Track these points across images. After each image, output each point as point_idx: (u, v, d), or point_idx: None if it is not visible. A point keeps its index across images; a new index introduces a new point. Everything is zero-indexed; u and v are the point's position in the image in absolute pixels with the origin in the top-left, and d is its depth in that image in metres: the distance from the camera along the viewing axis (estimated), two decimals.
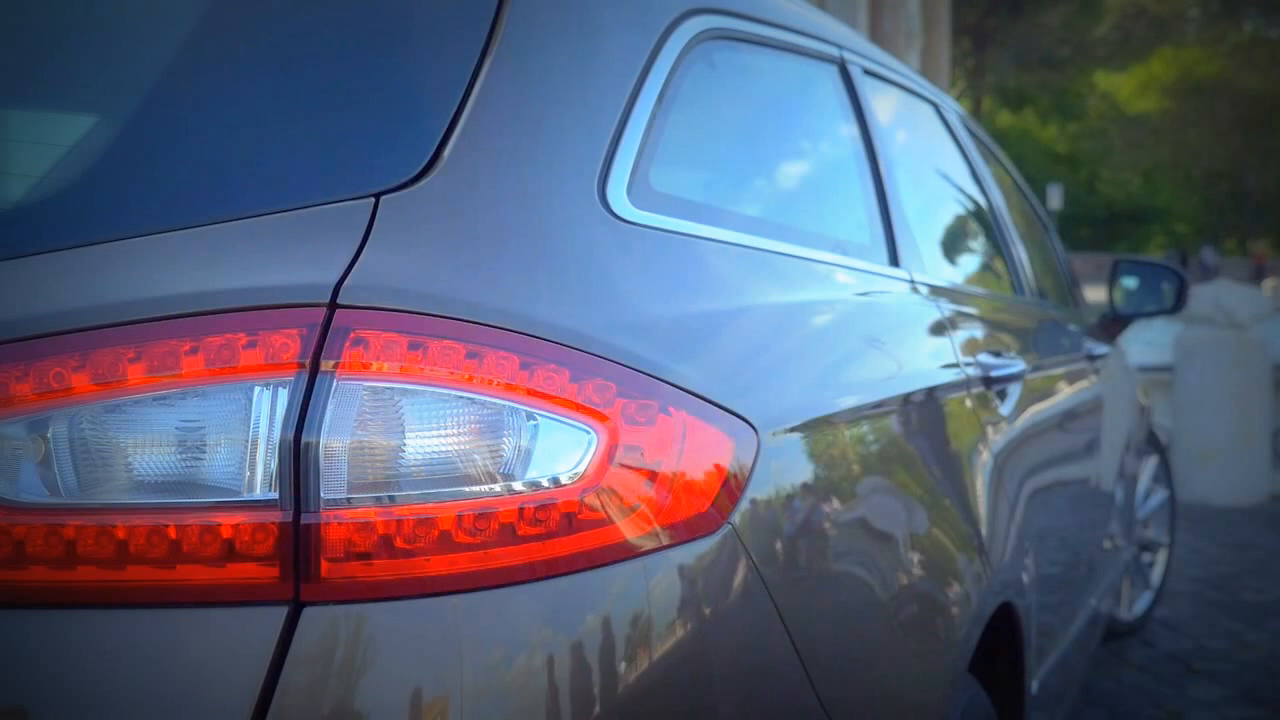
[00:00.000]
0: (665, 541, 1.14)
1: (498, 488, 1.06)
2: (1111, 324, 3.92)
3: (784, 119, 1.97)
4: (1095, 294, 4.58)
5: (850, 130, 2.11)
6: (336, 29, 1.29)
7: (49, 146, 1.33)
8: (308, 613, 0.99)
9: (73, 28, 1.42)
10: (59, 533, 0.99)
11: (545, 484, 1.07)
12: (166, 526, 0.99)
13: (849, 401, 1.54)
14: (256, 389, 1.01)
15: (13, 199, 1.25)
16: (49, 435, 1.00)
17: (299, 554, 0.99)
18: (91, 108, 1.38)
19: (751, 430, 1.26)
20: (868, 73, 2.26)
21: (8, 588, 0.99)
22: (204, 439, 1.01)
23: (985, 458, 1.98)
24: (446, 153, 1.16)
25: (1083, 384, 3.07)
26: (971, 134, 3.10)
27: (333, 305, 1.03)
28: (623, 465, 1.11)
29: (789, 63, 1.94)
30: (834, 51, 2.11)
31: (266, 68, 1.26)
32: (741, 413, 1.25)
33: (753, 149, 1.80)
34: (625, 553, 1.11)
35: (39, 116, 1.46)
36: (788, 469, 1.33)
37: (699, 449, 1.19)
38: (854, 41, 2.28)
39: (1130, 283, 4.02)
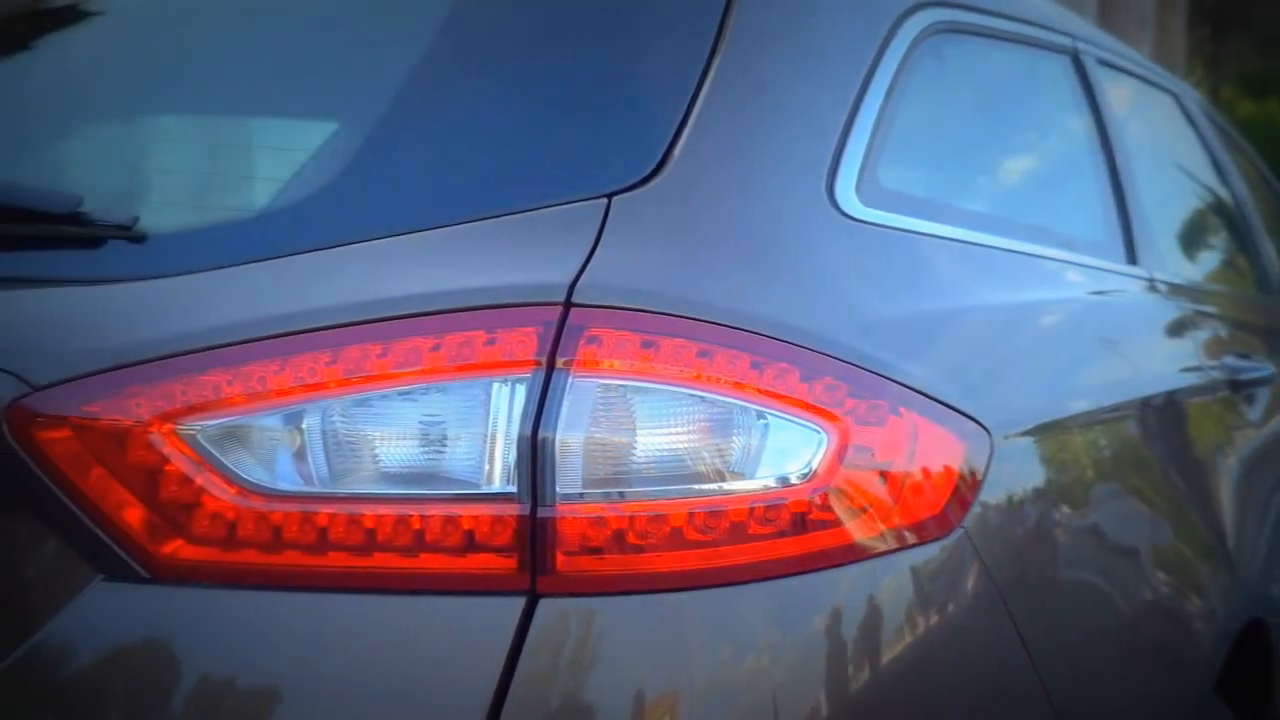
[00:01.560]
0: (895, 544, 1.13)
1: (728, 486, 1.06)
2: None
3: (1015, 113, 1.91)
4: None
5: (1084, 123, 2.03)
6: (567, 34, 1.32)
7: (297, 152, 1.40)
8: (544, 604, 1.01)
9: (315, 38, 1.50)
10: (312, 520, 1.04)
11: (775, 483, 1.07)
12: (411, 516, 1.03)
13: (1084, 405, 1.48)
14: (495, 385, 1.04)
15: (265, 204, 1.32)
16: (303, 427, 1.06)
17: (535, 546, 1.02)
18: (335, 115, 1.44)
19: (984, 432, 1.23)
20: (1102, 63, 2.17)
21: (265, 570, 1.05)
22: (445, 433, 1.05)
23: (1231, 465, 1.88)
24: (676, 153, 1.17)
25: None
26: (1214, 124, 2.95)
27: (568, 304, 1.05)
28: (853, 466, 1.10)
29: (1020, 54, 1.88)
30: (1066, 42, 2.04)
31: (501, 74, 1.29)
32: (974, 414, 1.22)
33: (983, 144, 1.75)
34: (855, 554, 1.10)
35: (287, 124, 1.54)
36: (1022, 473, 1.29)
37: (930, 451, 1.17)
38: (1087, 31, 2.20)
39: None
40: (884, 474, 1.12)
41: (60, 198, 1.21)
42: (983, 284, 1.45)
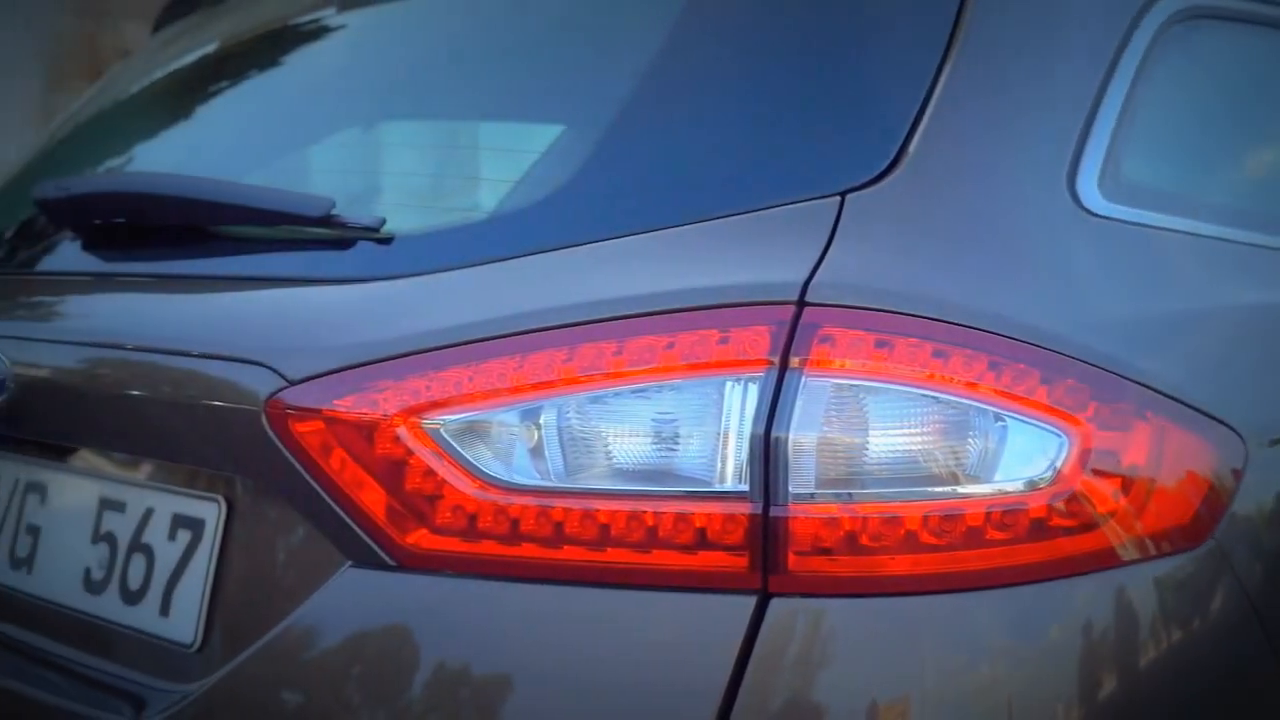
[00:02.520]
0: (1139, 554, 1.08)
1: (964, 489, 1.04)
2: None
3: (1269, 102, 1.81)
4: None
5: None
6: (799, 31, 1.31)
7: (529, 154, 1.43)
8: (775, 604, 1.01)
9: (544, 42, 1.53)
10: (548, 514, 1.07)
11: (1013, 488, 1.04)
12: (644, 513, 1.04)
13: None
14: (728, 384, 1.04)
15: (503, 205, 1.36)
16: (540, 422, 1.08)
17: (767, 546, 1.02)
18: (567, 117, 1.47)
19: (1238, 439, 1.16)
20: None
21: (503, 562, 1.08)
22: (678, 430, 1.06)
23: None
24: (911, 150, 1.15)
25: None
26: None
27: (801, 303, 1.04)
28: (1095, 472, 1.06)
29: (1276, 39, 1.78)
30: None
31: (732, 73, 1.29)
32: (1227, 419, 1.16)
33: (1234, 136, 1.66)
34: (1096, 563, 1.06)
35: (520, 128, 1.58)
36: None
37: (1178, 457, 1.11)
38: None
39: None
40: (1128, 481, 1.07)
41: (314, 201, 1.28)
42: (1235, 283, 1.38)
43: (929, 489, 1.03)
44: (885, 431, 1.04)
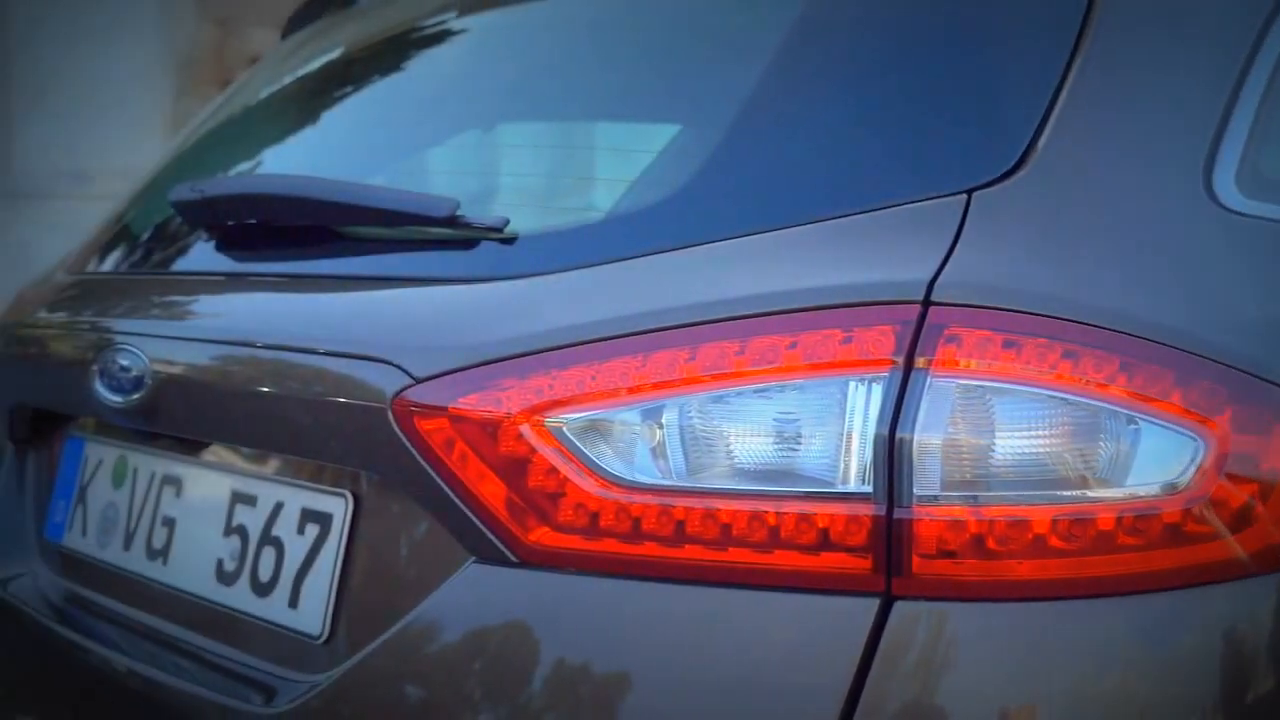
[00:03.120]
0: (1278, 562, 1.04)
1: (1094, 493, 1.01)
2: None
3: None
4: None
5: None
6: (922, 28, 1.29)
7: (647, 154, 1.44)
8: (898, 607, 1.00)
9: (665, 40, 1.53)
10: (670, 513, 1.07)
11: (1146, 492, 1.01)
12: (765, 513, 1.04)
13: None
14: (851, 384, 1.03)
15: (624, 205, 1.36)
16: (662, 421, 1.09)
17: (891, 548, 1.01)
18: (686, 117, 1.47)
19: None
20: None
21: (624, 560, 1.09)
22: (800, 430, 1.05)
23: None
24: (1039, 147, 1.13)
25: None
26: None
27: (926, 302, 1.03)
28: (1232, 477, 1.03)
29: None
30: None
31: (855, 70, 1.28)
32: None
33: None
34: (1233, 571, 1.03)
35: (638, 128, 1.58)
36: None
37: None
38: None
39: None
40: (1267, 486, 1.04)
41: (439, 203, 1.30)
42: None
43: (1058, 492, 1.01)
44: (1013, 433, 1.02)
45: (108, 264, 1.87)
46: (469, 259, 1.29)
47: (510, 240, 1.27)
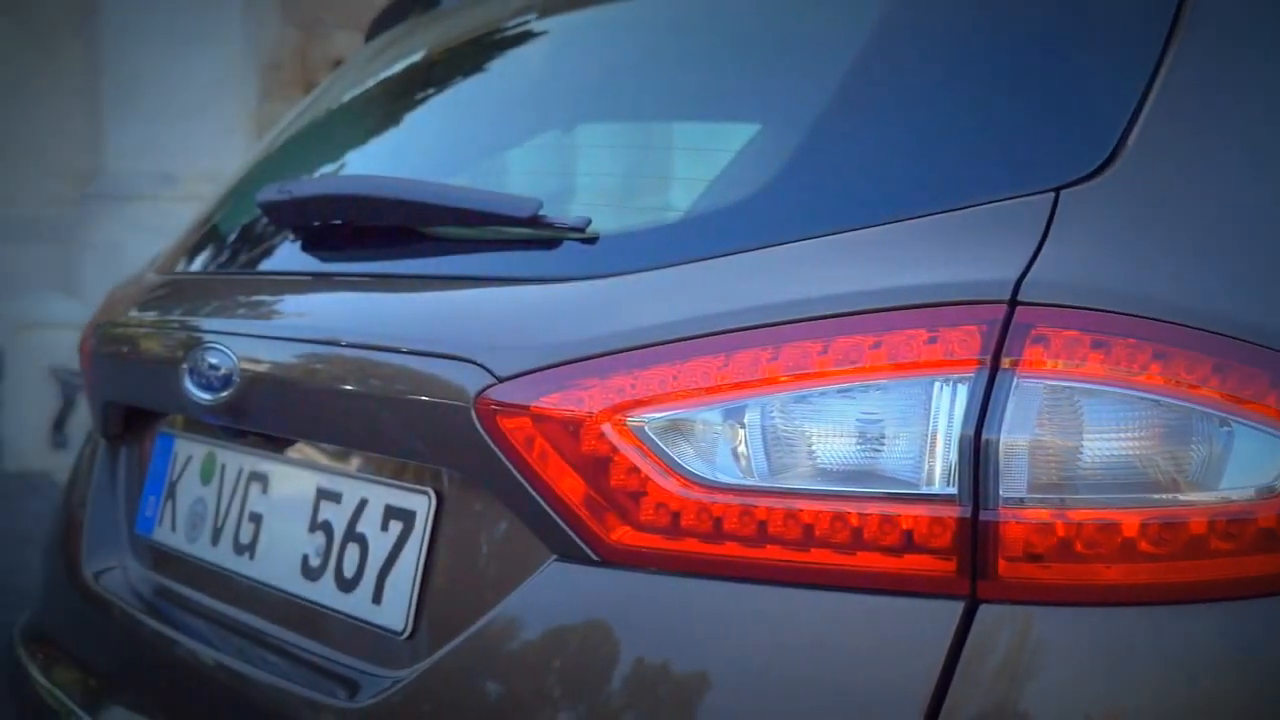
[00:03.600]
0: None
1: (1186, 497, 0.99)
2: None
3: None
4: None
5: None
6: (1006, 22, 1.27)
7: (727, 154, 1.43)
8: (983, 610, 0.99)
9: (744, 39, 1.52)
10: (751, 513, 1.06)
11: (1239, 496, 0.99)
12: (848, 514, 1.03)
13: None
14: (936, 384, 1.02)
15: (702, 206, 1.36)
16: (744, 421, 1.08)
17: (976, 550, 0.99)
18: (767, 116, 1.47)
19: None
20: None
21: (705, 560, 1.09)
22: (883, 431, 1.04)
23: None
24: (1130, 143, 1.11)
25: None
26: None
27: (1013, 302, 1.02)
28: None
29: None
30: None
31: (939, 68, 1.27)
32: None
33: None
34: None
35: (717, 128, 1.58)
36: None
37: None
38: None
39: None
40: None
41: (522, 203, 1.30)
42: None
43: (1148, 496, 0.99)
44: (1101, 435, 1.00)
45: (196, 264, 1.91)
46: (551, 259, 1.30)
47: (592, 240, 1.27)
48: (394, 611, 1.32)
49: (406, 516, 1.33)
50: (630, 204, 1.49)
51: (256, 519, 1.55)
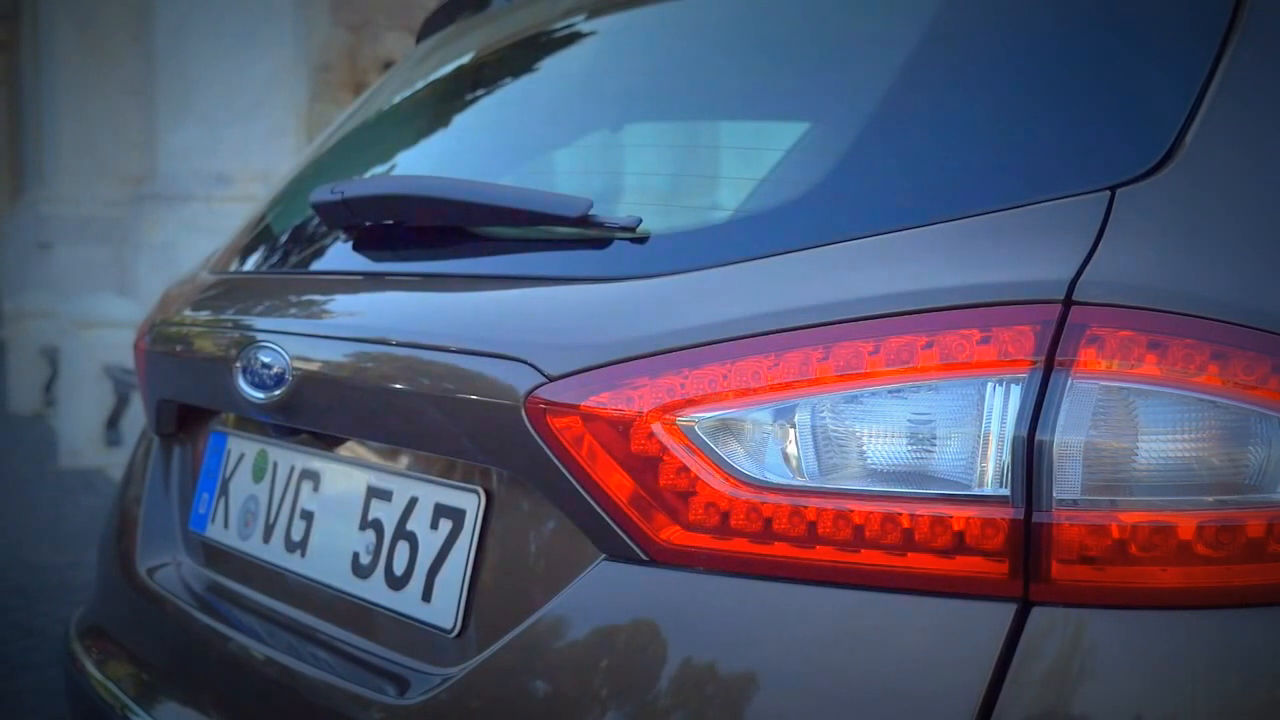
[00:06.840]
0: None
1: (1244, 499, 0.98)
2: None
3: None
4: None
5: None
6: (1059, 18, 1.26)
7: (776, 153, 1.43)
8: (1036, 613, 0.98)
9: (794, 38, 1.52)
10: (801, 513, 1.06)
11: None
12: (899, 515, 1.03)
13: None
14: (989, 385, 1.01)
15: (752, 205, 1.36)
16: (794, 421, 1.08)
17: (1029, 552, 0.98)
18: (817, 115, 1.46)
19: None
20: None
21: (754, 560, 1.08)
22: (935, 432, 1.03)
23: None
24: (1187, 141, 1.09)
25: None
26: None
27: (1068, 302, 1.01)
28: None
29: None
30: None
31: (992, 65, 1.26)
32: None
33: None
34: None
35: (766, 127, 1.58)
36: None
37: None
38: None
39: None
40: None
41: (572, 202, 1.31)
42: None
43: (1205, 498, 0.98)
44: (1157, 437, 0.99)
45: (249, 264, 1.93)
46: (601, 258, 1.30)
47: (642, 240, 1.27)
48: (443, 609, 1.33)
49: (456, 515, 1.34)
50: (680, 203, 1.49)
51: (308, 516, 1.56)
